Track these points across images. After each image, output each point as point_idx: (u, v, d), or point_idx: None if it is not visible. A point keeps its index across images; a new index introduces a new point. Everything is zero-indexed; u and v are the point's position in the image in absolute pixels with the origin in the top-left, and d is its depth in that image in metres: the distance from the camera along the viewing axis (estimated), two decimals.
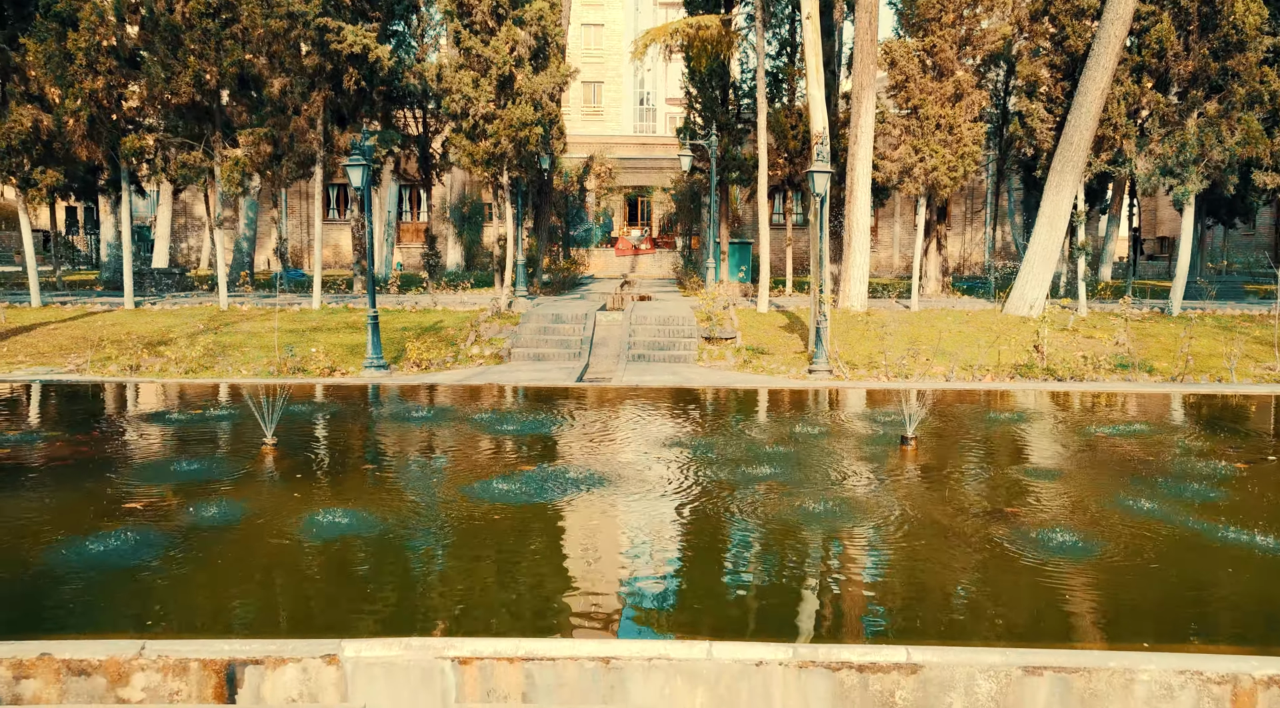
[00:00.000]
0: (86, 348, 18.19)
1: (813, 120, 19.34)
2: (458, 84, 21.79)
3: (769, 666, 4.81)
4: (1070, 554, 6.77)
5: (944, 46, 22.98)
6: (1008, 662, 4.81)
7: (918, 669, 4.80)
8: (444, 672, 4.80)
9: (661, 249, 45.06)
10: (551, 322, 20.73)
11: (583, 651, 4.88)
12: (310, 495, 8.23)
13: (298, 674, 4.78)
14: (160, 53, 21.19)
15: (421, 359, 17.68)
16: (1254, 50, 21.64)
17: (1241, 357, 18.10)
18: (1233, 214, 36.14)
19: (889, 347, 17.96)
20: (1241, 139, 22.01)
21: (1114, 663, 4.79)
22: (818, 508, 7.86)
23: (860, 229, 22.88)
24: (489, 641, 4.95)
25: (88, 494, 8.09)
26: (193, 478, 8.71)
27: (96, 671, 4.72)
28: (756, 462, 9.50)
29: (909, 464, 9.51)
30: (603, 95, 61.21)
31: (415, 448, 10.44)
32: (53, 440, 10.48)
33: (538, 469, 9.16)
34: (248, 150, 22.47)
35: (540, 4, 22.57)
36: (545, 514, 7.81)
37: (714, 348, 19.12)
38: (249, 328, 20.71)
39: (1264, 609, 5.92)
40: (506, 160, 22.76)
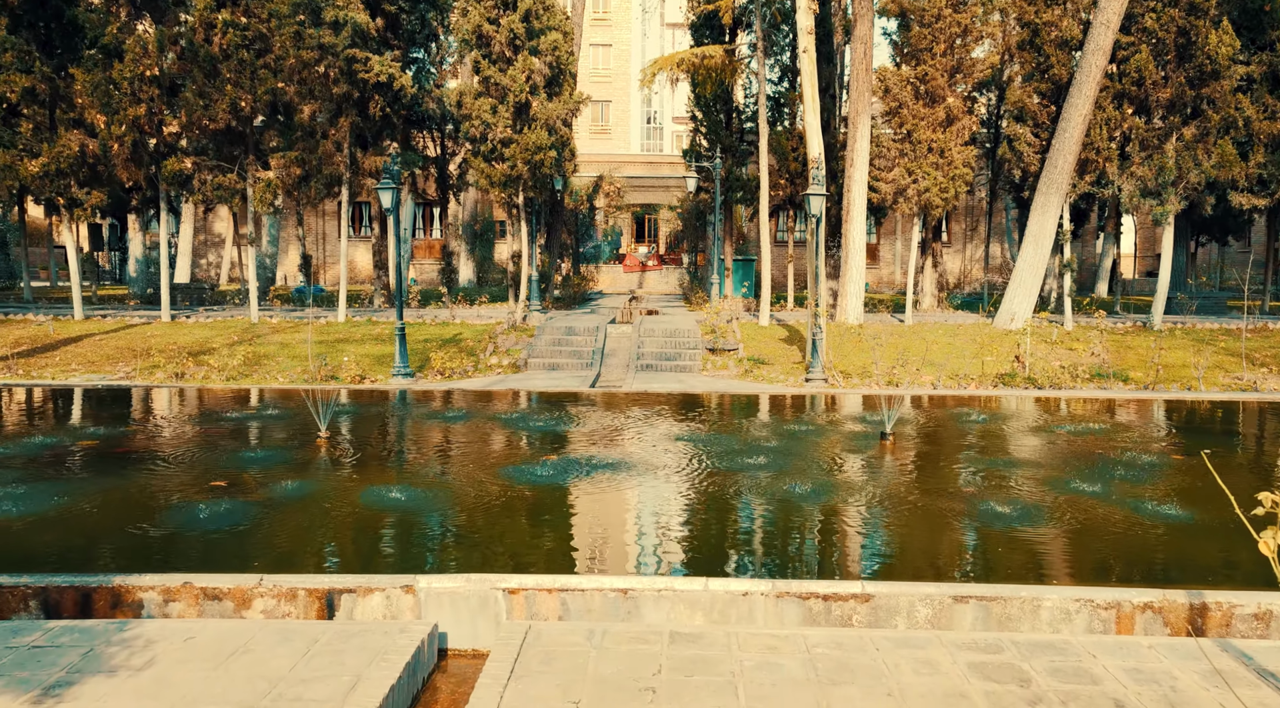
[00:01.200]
0: (132, 357, 19.59)
1: (809, 145, 20.71)
2: (477, 110, 23.21)
3: (753, 595, 6.09)
4: (1004, 520, 8.09)
5: (935, 75, 24.35)
6: (941, 593, 6.08)
7: (870, 598, 6.08)
8: (497, 599, 6.09)
9: (668, 266, 46.41)
10: (564, 334, 22.06)
11: (606, 584, 6.17)
12: (366, 476, 9.57)
13: (382, 601, 6.07)
14: (199, 81, 22.63)
15: (445, 368, 19.01)
16: (1228, 79, 22.97)
17: (1212, 367, 19.35)
18: (1225, 231, 37.44)
19: (881, 357, 19.24)
20: (1217, 162, 23.31)
21: (1024, 594, 6.06)
22: (800, 484, 9.19)
23: (856, 247, 24.21)
24: (532, 576, 6.24)
25: (180, 476, 9.42)
26: (263, 463, 10.06)
27: (226, 596, 6.03)
28: (751, 452, 10.81)
29: (885, 454, 10.81)
30: (610, 114, 62.57)
31: (450, 440, 11.76)
32: (132, 435, 11.82)
33: (560, 458, 10.47)
34: (279, 172, 23.92)
35: (554, 35, 23.99)
36: (569, 489, 9.12)
37: (717, 358, 20.42)
38: (280, 339, 22.07)
39: (1148, 558, 7.22)
40: (522, 182, 24.15)
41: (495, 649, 5.46)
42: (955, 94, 25.18)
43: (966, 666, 5.30)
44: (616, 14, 61.65)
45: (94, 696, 4.74)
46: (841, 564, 7.26)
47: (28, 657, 5.18)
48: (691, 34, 30.31)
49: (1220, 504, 8.52)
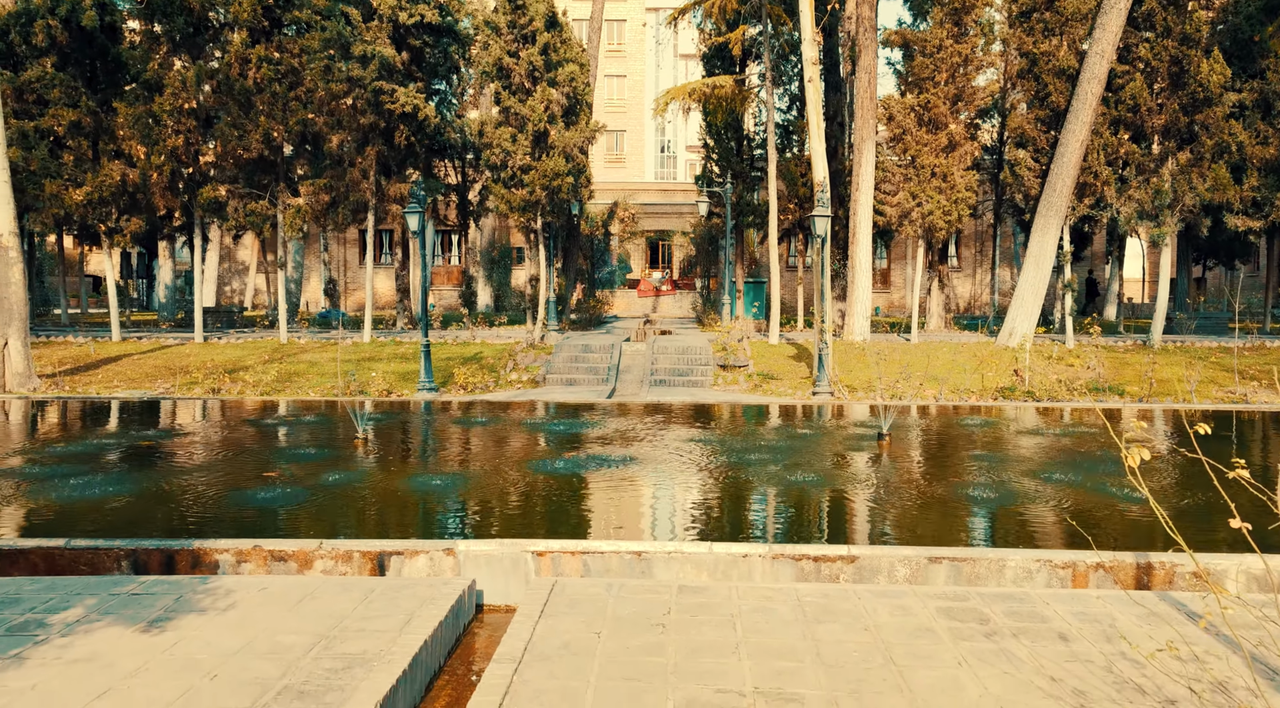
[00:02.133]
0: (170, 375, 20.62)
1: (814, 170, 21.65)
2: (498, 139, 24.30)
3: (752, 557, 6.93)
4: (978, 500, 8.97)
5: (938, 102, 25.31)
6: (918, 554, 6.90)
7: (855, 559, 6.90)
8: (526, 560, 6.95)
9: (682, 290, 47.35)
10: (581, 351, 22.97)
11: (622, 547, 7.01)
12: (405, 468, 10.48)
13: (426, 562, 6.93)
14: (234, 113, 23.83)
15: (467, 383, 19.94)
16: (1221, 105, 23.83)
17: (1206, 382, 20.08)
18: (1231, 255, 38.07)
19: (884, 372, 20.05)
20: (1211, 185, 24.11)
21: (991, 555, 6.87)
22: (799, 472, 10.07)
23: (862, 268, 25.08)
24: (557, 541, 7.10)
25: (236, 469, 10.34)
26: (310, 458, 10.99)
27: (290, 557, 6.90)
28: (756, 448, 11.66)
29: (880, 451, 11.64)
30: (625, 143, 63.80)
31: (479, 441, 12.65)
32: (188, 437, 12.76)
33: (580, 453, 11.34)
34: (308, 199, 25.05)
35: (571, 67, 25.11)
36: (588, 477, 9.99)
37: (728, 374, 21.27)
38: (309, 358, 23.06)
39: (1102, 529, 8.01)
40: (540, 206, 25.18)
41: (527, 597, 6.31)
42: (957, 121, 26.12)
43: (935, 610, 6.11)
44: (631, 46, 63.09)
45: (191, 627, 5.61)
46: (831, 533, 8.09)
47: (130, 601, 6.07)
48: (703, 65, 31.43)
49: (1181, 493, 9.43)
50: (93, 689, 4.73)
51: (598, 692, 4.82)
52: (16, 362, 18.79)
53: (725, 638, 5.58)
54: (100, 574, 6.79)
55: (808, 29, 21.26)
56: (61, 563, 6.84)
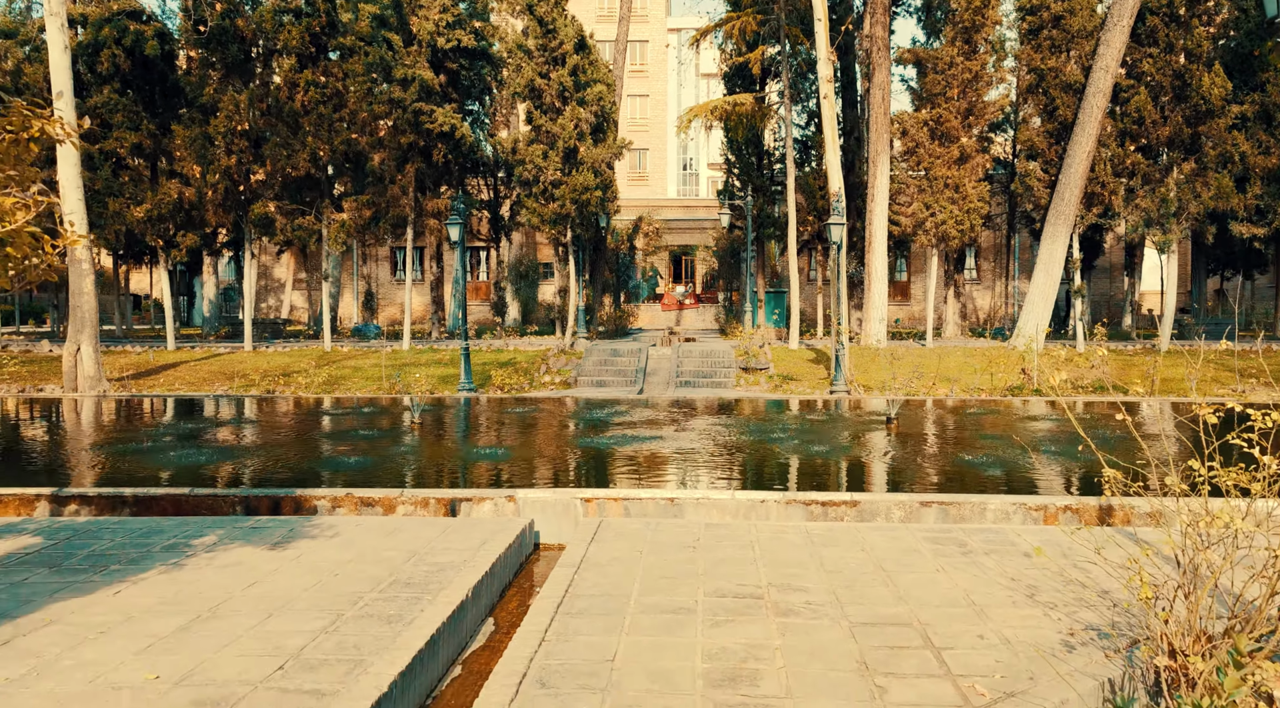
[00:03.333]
0: (226, 379, 22.02)
1: (830, 181, 22.85)
2: (530, 155, 25.69)
3: (768, 502, 8.11)
4: (966, 462, 10.05)
5: (949, 117, 26.48)
6: (911, 499, 8.06)
7: (857, 504, 8.07)
8: (576, 505, 8.16)
9: (705, 304, 48.53)
10: (610, 356, 24.22)
11: (658, 495, 8.21)
12: (459, 443, 11.72)
13: (491, 506, 8.16)
14: (282, 134, 25.36)
15: (504, 384, 21.21)
16: (1223, 117, 24.84)
17: (1209, 381, 21.04)
18: (1249, 265, 38.85)
19: (899, 372, 21.15)
20: (1215, 194, 25.10)
21: (975, 500, 8.02)
22: (813, 445, 11.20)
23: (878, 275, 26.21)
24: (601, 490, 8.31)
25: (314, 443, 11.66)
26: (375, 437, 12.29)
27: (377, 503, 8.15)
28: (775, 430, 12.84)
29: (888, 431, 12.79)
30: (648, 161, 65.17)
31: (521, 425, 13.90)
32: (260, 422, 14.10)
33: (615, 433, 12.55)
34: (351, 215, 26.51)
35: (599, 87, 26.50)
36: (624, 449, 11.18)
37: (749, 376, 22.43)
38: (353, 364, 24.43)
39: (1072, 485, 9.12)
40: (570, 219, 26.53)
41: (576, 533, 7.52)
42: (969, 134, 27.26)
43: (923, 538, 7.26)
44: (653, 66, 64.58)
45: (308, 547, 6.86)
46: (838, 485, 9.26)
47: (251, 531, 7.33)
48: (724, 83, 32.76)
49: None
50: (244, 581, 5.99)
51: (642, 586, 6.02)
52: (88, 366, 20.25)
53: (745, 555, 6.77)
54: (219, 516, 8.06)
55: (822, 50, 22.52)
56: (186, 507, 8.12)
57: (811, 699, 4.26)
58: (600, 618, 5.39)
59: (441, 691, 5.05)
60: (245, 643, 4.88)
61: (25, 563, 6.42)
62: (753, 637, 5.07)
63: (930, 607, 5.62)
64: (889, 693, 4.35)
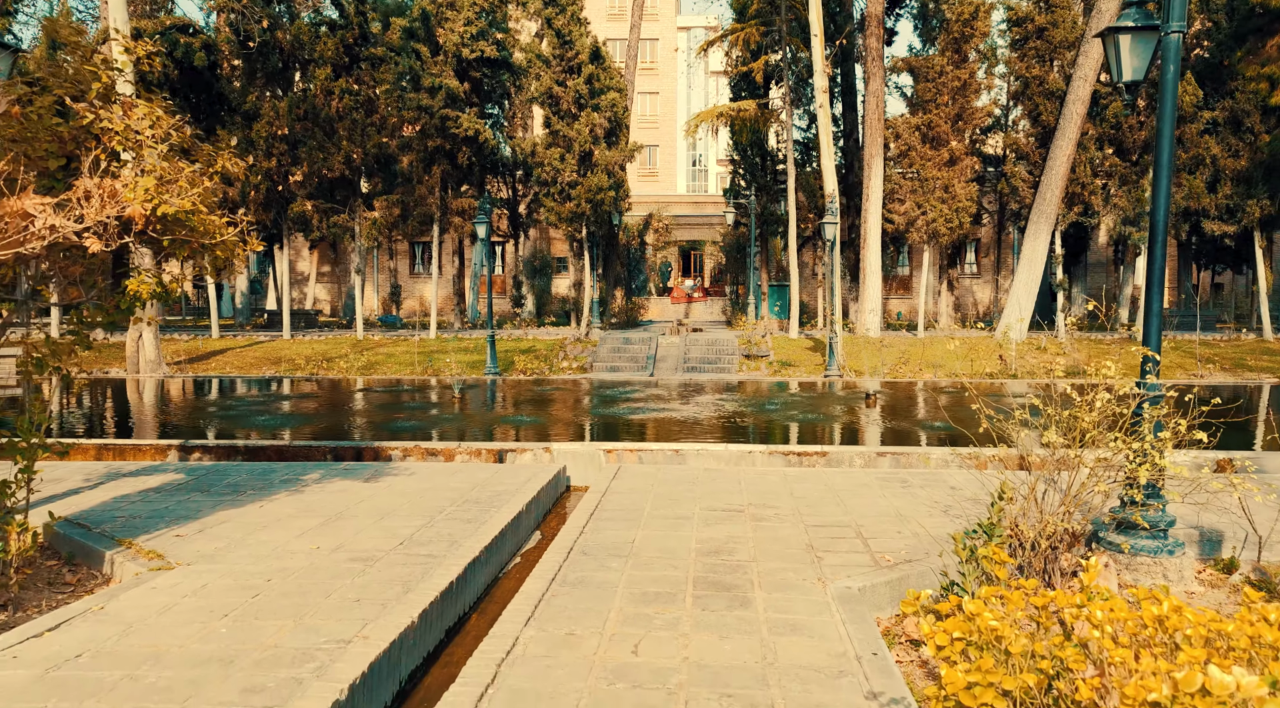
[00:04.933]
0: (271, 364, 24.07)
1: (825, 182, 24.76)
2: (548, 158, 27.65)
3: (755, 452, 10.07)
4: (920, 426, 11.95)
5: (939, 122, 28.33)
6: (869, 451, 10.02)
7: (826, 454, 10.03)
8: (599, 456, 10.14)
9: (713, 297, 50.46)
10: (622, 343, 26.20)
11: (666, 447, 10.19)
12: (497, 411, 13.73)
13: (531, 456, 10.14)
14: (318, 138, 27.36)
15: (526, 369, 23.21)
16: (1195, 123, 26.64)
17: (1174, 366, 22.88)
18: (1239, 261, 40.54)
19: (888, 359, 23.08)
20: (1187, 194, 26.91)
21: (921, 451, 9.97)
22: (800, 413, 13.13)
23: (872, 270, 28.11)
24: (619, 443, 10.29)
25: (373, 411, 13.65)
26: (423, 407, 14.28)
27: (440, 453, 10.15)
28: (769, 404, 14.79)
29: (866, 405, 14.74)
30: (658, 158, 66.86)
31: (547, 399, 15.88)
32: (319, 397, 16.12)
33: (629, 405, 14.53)
34: (382, 213, 28.52)
35: (612, 94, 28.41)
36: (638, 416, 13.16)
37: (751, 362, 24.38)
38: (385, 351, 26.47)
39: None
40: (585, 217, 28.48)
41: (600, 475, 9.50)
42: (958, 138, 29.10)
43: (875, 478, 9.21)
44: (663, 64, 66.29)
45: (392, 482, 8.85)
46: (813, 441, 11.21)
47: (345, 471, 9.32)
48: (730, 89, 34.65)
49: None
50: (354, 500, 7.99)
51: (653, 505, 7.99)
52: (149, 351, 22.30)
53: (733, 487, 8.73)
54: (314, 461, 10.07)
55: (818, 63, 24.40)
56: (287, 455, 10.14)
57: (769, 561, 6.23)
58: (622, 521, 7.37)
59: (508, 570, 7.04)
60: (370, 532, 6.87)
61: (182, 489, 8.43)
62: (732, 532, 7.04)
63: (868, 517, 7.58)
64: (823, 560, 6.31)
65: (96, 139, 6.17)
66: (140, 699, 3.93)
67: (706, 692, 4.10)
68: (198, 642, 4.60)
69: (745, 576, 5.90)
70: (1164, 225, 6.67)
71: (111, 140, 6.04)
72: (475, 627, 5.71)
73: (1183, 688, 2.36)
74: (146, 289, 6.25)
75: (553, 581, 5.76)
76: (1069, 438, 6.47)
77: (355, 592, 5.42)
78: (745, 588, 5.64)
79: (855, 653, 4.58)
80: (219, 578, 5.70)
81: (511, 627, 4.90)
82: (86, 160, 5.83)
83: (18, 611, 5.50)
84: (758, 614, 5.15)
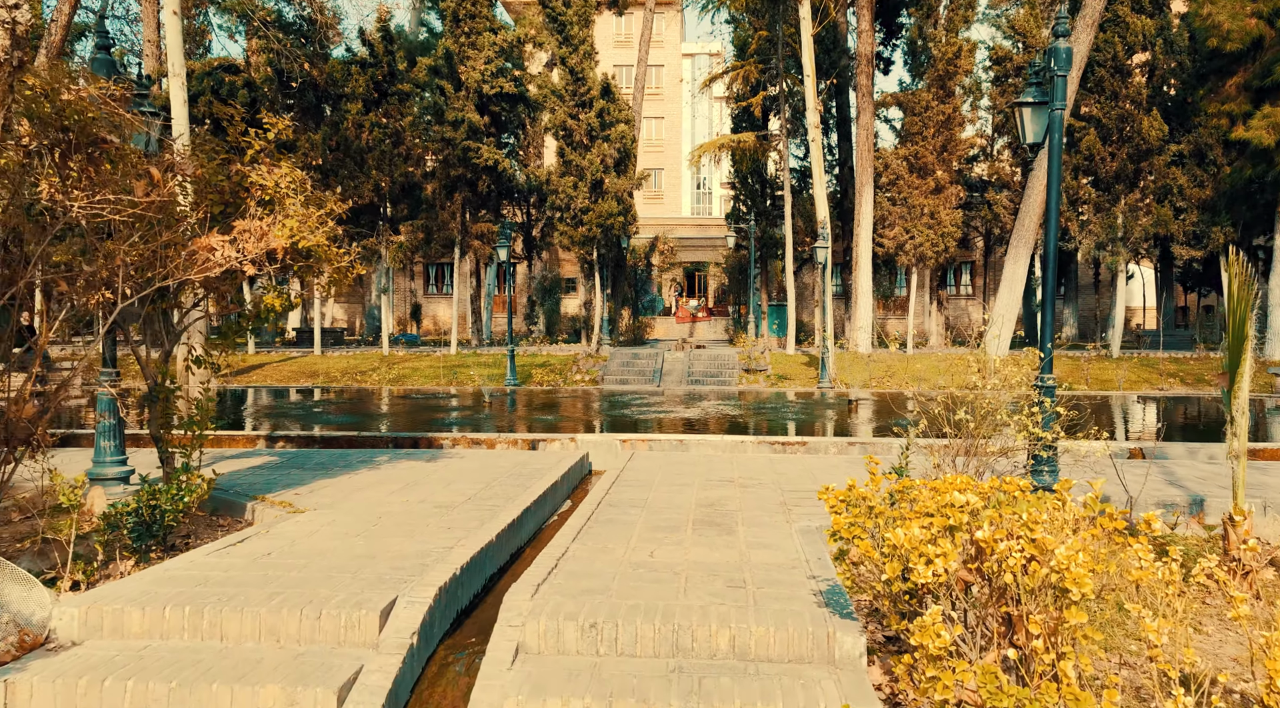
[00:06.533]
0: (307, 377, 26.12)
1: (817, 209, 26.84)
2: (562, 186, 29.79)
3: (746, 442, 12.08)
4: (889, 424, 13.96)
5: (926, 153, 30.44)
6: (842, 441, 12.02)
7: (806, 444, 12.02)
8: (615, 444, 12.15)
9: (716, 317, 52.52)
10: (631, 359, 28.23)
11: (672, 438, 12.19)
12: (525, 413, 15.73)
13: (559, 445, 12.15)
14: (349, 168, 29.53)
15: (543, 381, 25.25)
16: (1162, 154, 28.71)
17: (1139, 381, 24.86)
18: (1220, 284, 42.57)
19: (875, 373, 25.08)
20: (1155, 221, 28.95)
21: (884, 442, 11.97)
22: (788, 415, 15.13)
23: (864, 291, 30.15)
24: (633, 434, 12.30)
25: (417, 412, 15.66)
26: (460, 409, 16.30)
27: (483, 442, 12.16)
28: (764, 409, 16.79)
29: (848, 410, 16.74)
30: (663, 180, 68.93)
31: (567, 405, 17.90)
32: (366, 402, 18.14)
33: (639, 409, 16.54)
34: (407, 237, 30.66)
35: (622, 126, 30.58)
36: (647, 416, 15.16)
37: (750, 376, 26.39)
38: (411, 365, 28.52)
39: None
40: (596, 241, 30.59)
41: (616, 461, 11.50)
42: (944, 167, 31.20)
43: (845, 462, 11.20)
44: (668, 89, 68.54)
45: (448, 462, 10.85)
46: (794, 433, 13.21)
47: (407, 455, 11.33)
48: (731, 120, 36.85)
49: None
50: (422, 473, 10.00)
51: (662, 478, 9.98)
52: None
53: (727, 467, 10.74)
54: (379, 448, 12.09)
55: (810, 101, 26.55)
56: (356, 443, 12.16)
57: (750, 511, 8.23)
58: (638, 487, 9.37)
59: (548, 524, 9.03)
60: (442, 493, 8.87)
61: (280, 467, 10.44)
62: (724, 494, 9.04)
63: (833, 486, 9.56)
64: (792, 511, 8.30)
65: (246, 190, 8.24)
66: (328, 571, 5.95)
67: (701, 574, 6.09)
68: (345, 548, 6.62)
69: (732, 519, 7.90)
70: (1054, 259, 8.70)
71: (260, 192, 8.10)
72: (529, 556, 7.70)
73: (942, 500, 4.31)
74: (280, 302, 8.30)
75: (588, 520, 7.76)
76: (977, 418, 8.44)
77: (445, 524, 7.43)
78: (731, 525, 7.64)
79: (805, 559, 6.58)
80: (342, 516, 7.71)
81: (563, 541, 6.91)
82: (248, 205, 7.90)
83: (196, 540, 7.51)
84: (739, 539, 7.15)
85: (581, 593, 5.55)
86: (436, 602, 5.48)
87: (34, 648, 4.98)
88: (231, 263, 7.56)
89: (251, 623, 5.08)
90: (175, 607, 5.14)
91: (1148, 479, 9.64)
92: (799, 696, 4.45)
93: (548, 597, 5.45)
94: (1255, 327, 32.56)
